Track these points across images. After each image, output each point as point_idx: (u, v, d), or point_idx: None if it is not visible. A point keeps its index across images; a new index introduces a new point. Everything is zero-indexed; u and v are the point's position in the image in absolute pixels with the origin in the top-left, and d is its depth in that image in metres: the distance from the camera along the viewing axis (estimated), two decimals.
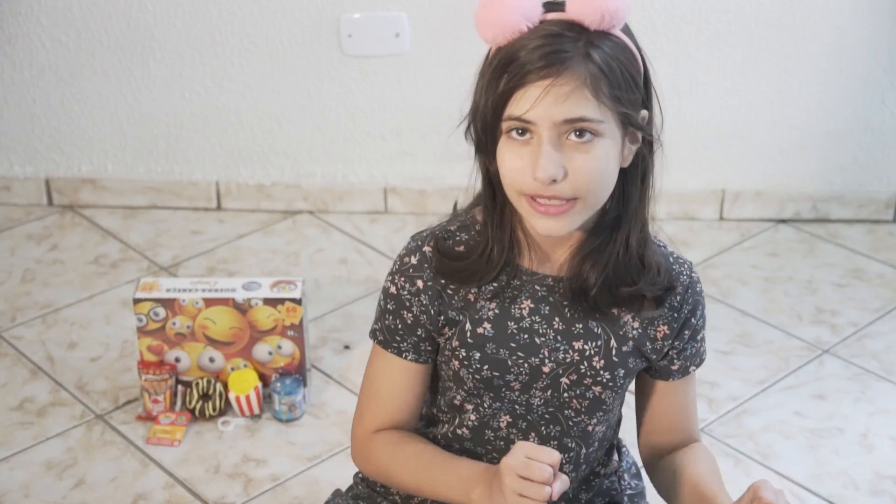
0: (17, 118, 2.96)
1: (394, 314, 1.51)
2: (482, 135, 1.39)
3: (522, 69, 1.33)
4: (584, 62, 1.33)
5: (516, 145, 1.36)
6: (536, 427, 1.52)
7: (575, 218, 1.39)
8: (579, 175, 1.35)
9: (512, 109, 1.35)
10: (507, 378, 1.49)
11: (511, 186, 1.38)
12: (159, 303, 2.23)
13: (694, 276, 1.52)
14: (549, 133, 1.34)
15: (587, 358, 1.48)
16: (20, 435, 2.24)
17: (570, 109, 1.33)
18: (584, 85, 1.33)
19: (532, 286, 1.48)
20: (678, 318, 1.50)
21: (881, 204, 2.96)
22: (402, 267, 1.49)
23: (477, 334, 1.47)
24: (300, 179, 2.99)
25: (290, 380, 2.26)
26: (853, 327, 2.56)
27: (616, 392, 1.52)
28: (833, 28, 2.78)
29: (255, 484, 2.12)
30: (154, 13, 2.82)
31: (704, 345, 1.57)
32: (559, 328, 1.48)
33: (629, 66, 1.37)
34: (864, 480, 2.13)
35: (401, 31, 2.81)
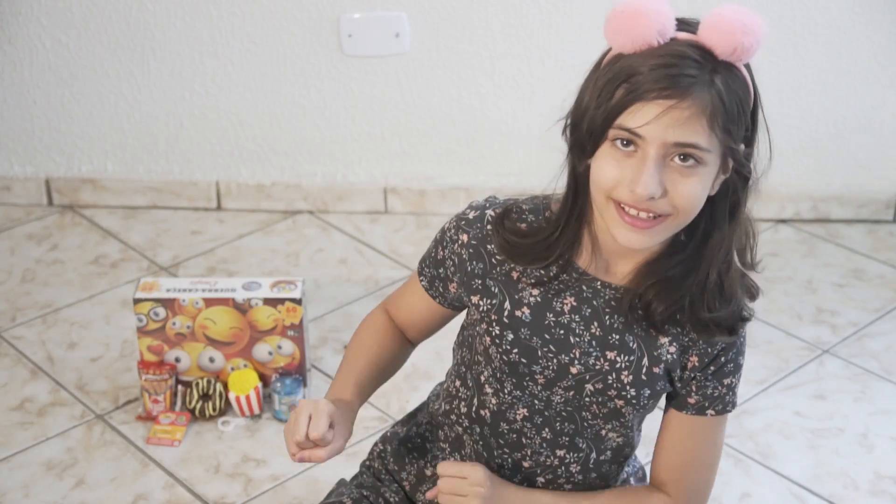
0: (17, 118, 2.96)
1: (437, 244, 1.57)
2: (586, 136, 1.38)
3: (645, 85, 1.32)
4: (707, 90, 1.33)
5: (619, 154, 1.36)
6: (551, 423, 1.53)
7: (658, 235, 1.39)
8: (678, 197, 1.36)
9: (626, 120, 1.34)
10: (534, 368, 1.49)
11: (603, 191, 1.38)
12: (159, 303, 2.23)
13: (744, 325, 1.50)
14: (657, 152, 1.34)
15: (617, 370, 1.48)
16: (20, 435, 2.24)
17: (685, 134, 1.33)
18: (703, 113, 1.33)
19: (580, 285, 1.48)
20: (710, 353, 1.49)
21: (881, 204, 2.96)
22: (461, 216, 1.54)
23: (514, 316, 1.49)
24: (300, 179, 2.99)
25: (290, 380, 2.26)
26: (853, 327, 2.56)
27: (637, 410, 1.51)
28: (833, 28, 2.78)
29: (255, 484, 2.12)
30: (154, 13, 2.82)
31: (732, 396, 1.53)
32: (596, 333, 1.48)
33: (745, 101, 1.37)
34: (864, 480, 2.13)
35: (401, 31, 2.81)
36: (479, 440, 1.57)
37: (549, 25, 2.78)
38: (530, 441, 1.54)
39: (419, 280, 1.60)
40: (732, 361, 1.52)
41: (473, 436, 1.58)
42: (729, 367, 1.51)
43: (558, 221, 1.46)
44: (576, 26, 2.78)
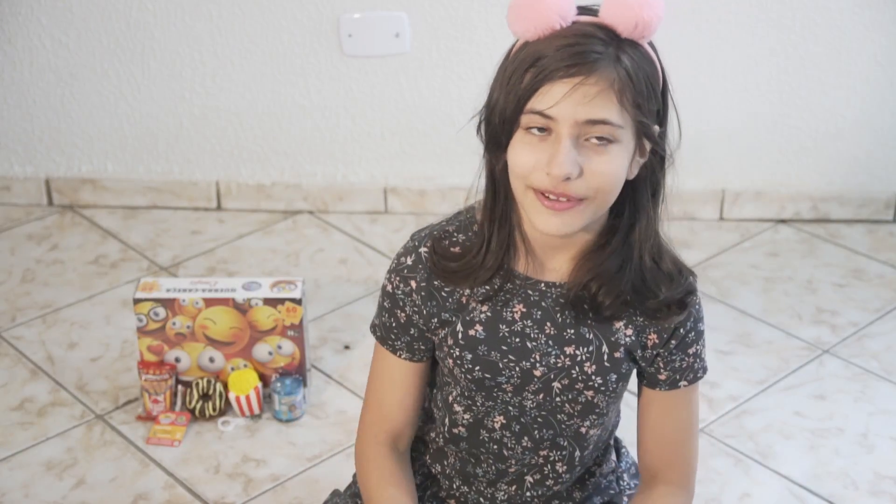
0: (17, 118, 2.96)
1: (389, 312, 1.53)
2: (499, 127, 1.39)
3: (551, 65, 1.33)
4: (613, 66, 1.34)
5: (533, 140, 1.36)
6: (529, 430, 1.53)
7: (577, 218, 1.38)
8: (594, 176, 1.36)
9: (535, 103, 1.34)
10: (499, 380, 1.50)
11: (521, 180, 1.38)
12: (159, 303, 2.23)
13: (695, 297, 1.51)
14: (570, 131, 1.34)
15: (579, 363, 1.48)
16: (20, 435, 2.24)
17: (595, 111, 1.33)
18: (611, 88, 1.33)
19: (525, 291, 1.48)
20: (667, 329, 1.50)
21: (881, 204, 2.96)
22: (398, 266, 1.51)
23: (468, 336, 1.49)
24: (300, 179, 2.99)
25: (290, 380, 2.26)
26: (853, 327, 2.56)
27: (609, 396, 1.52)
28: (833, 28, 2.78)
29: (255, 484, 2.12)
30: (154, 13, 2.82)
31: (701, 362, 1.54)
32: (551, 333, 1.48)
33: (652, 77, 1.38)
34: (864, 480, 2.13)
35: (401, 31, 2.81)
36: (460, 455, 1.58)
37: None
38: (511, 451, 1.55)
39: (398, 360, 1.55)
40: (693, 331, 1.52)
41: (455, 450, 1.59)
42: (690, 336, 1.52)
43: (484, 233, 1.46)
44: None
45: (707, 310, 2.59)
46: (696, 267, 2.75)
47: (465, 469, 1.59)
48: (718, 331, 2.54)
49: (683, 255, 2.93)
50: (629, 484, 1.68)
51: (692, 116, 2.88)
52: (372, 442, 1.59)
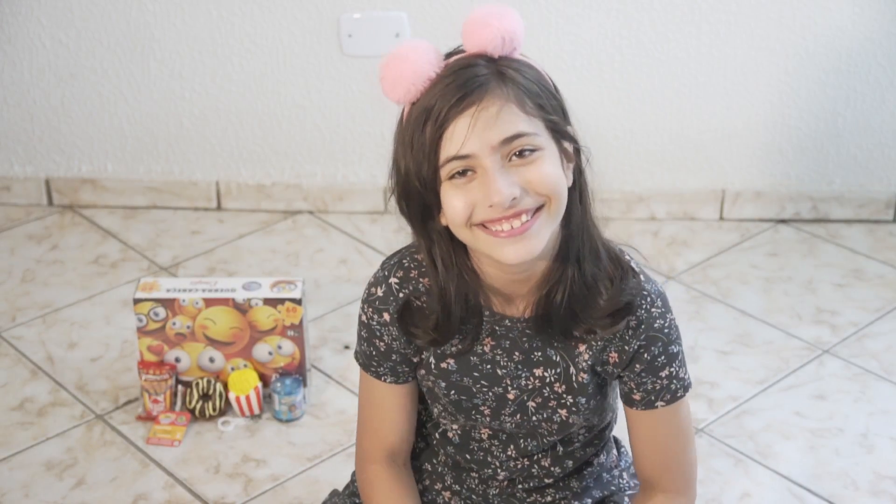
0: (17, 118, 2.96)
1: (367, 341, 1.53)
2: (422, 192, 1.36)
3: (444, 106, 1.31)
4: (500, 83, 1.33)
5: (461, 183, 1.34)
6: (515, 440, 1.55)
7: (541, 232, 1.36)
8: (537, 182, 1.34)
9: (448, 151, 1.32)
10: (475, 402, 1.51)
11: (465, 224, 1.35)
12: (159, 303, 2.23)
13: (654, 312, 1.46)
14: (492, 159, 1.32)
15: (549, 384, 1.49)
16: (20, 435, 2.24)
17: (504, 128, 1.32)
18: (509, 101, 1.32)
19: (491, 326, 1.48)
20: (627, 351, 1.47)
21: (881, 204, 2.96)
22: (370, 298, 1.51)
23: (441, 368, 1.50)
24: (300, 179, 2.99)
25: (290, 380, 2.26)
26: (853, 327, 2.56)
27: (581, 416, 1.51)
28: (833, 28, 2.78)
29: (255, 484, 2.12)
30: (154, 13, 2.82)
31: (678, 383, 1.50)
32: (519, 359, 1.49)
33: (541, 80, 1.37)
34: (864, 480, 2.13)
35: (401, 31, 2.81)
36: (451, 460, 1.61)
37: (548, 25, 2.78)
38: (496, 458, 1.57)
39: (384, 385, 1.55)
40: (662, 355, 1.48)
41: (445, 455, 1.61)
42: (660, 360, 1.48)
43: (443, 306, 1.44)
44: (575, 26, 2.78)
45: (707, 310, 2.61)
46: (695, 267, 2.76)
47: (457, 467, 1.61)
48: (718, 331, 2.54)
49: (683, 255, 2.94)
50: (629, 483, 1.68)
51: (692, 116, 2.88)
52: (370, 463, 1.59)
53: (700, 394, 2.34)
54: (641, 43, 2.81)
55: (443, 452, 1.61)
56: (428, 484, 1.65)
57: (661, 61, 2.83)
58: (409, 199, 1.39)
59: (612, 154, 2.90)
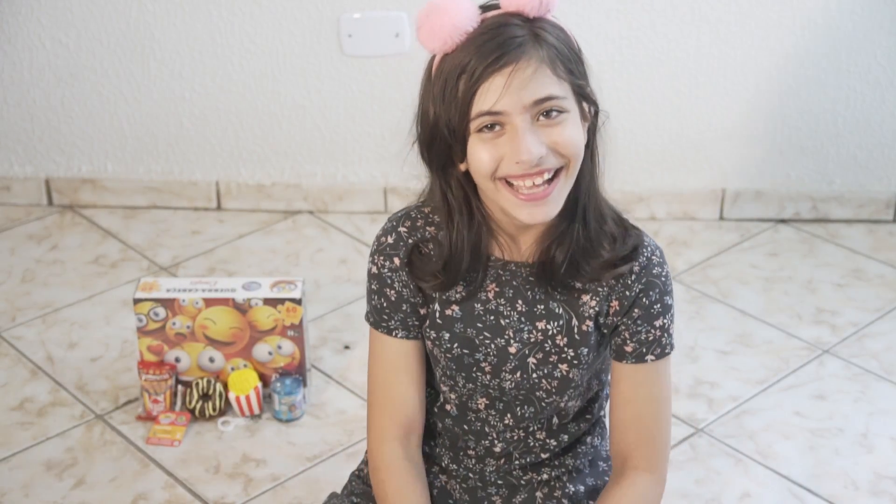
0: (17, 118, 2.96)
1: (378, 294, 1.56)
2: (450, 141, 1.42)
3: (481, 64, 1.37)
4: (536, 45, 1.38)
5: (489, 137, 1.40)
6: (512, 408, 1.57)
7: (559, 195, 1.42)
8: (562, 144, 1.40)
9: (480, 106, 1.38)
10: (477, 357, 1.53)
11: (490, 178, 1.41)
12: (159, 303, 2.23)
13: (654, 260, 1.52)
14: (522, 118, 1.38)
15: (550, 337, 1.52)
16: (20, 435, 2.24)
17: (537, 90, 1.38)
18: (543, 63, 1.38)
19: (496, 271, 1.53)
20: (628, 296, 1.51)
21: (881, 204, 2.96)
22: (380, 247, 1.55)
23: (446, 316, 1.53)
24: (300, 179, 2.99)
25: (290, 380, 2.26)
26: (853, 327, 2.56)
27: (583, 370, 1.54)
28: (833, 28, 2.78)
29: (255, 484, 2.12)
30: (154, 13, 2.82)
31: (668, 338, 1.54)
32: (522, 310, 1.52)
33: (570, 43, 1.43)
34: (864, 480, 2.13)
35: (401, 31, 2.81)
36: (447, 433, 1.62)
37: None
38: (493, 428, 1.59)
39: (395, 341, 1.56)
40: (658, 303, 1.52)
41: (442, 429, 1.62)
42: (656, 308, 1.52)
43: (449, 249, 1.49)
44: (575, 26, 2.77)
45: (707, 310, 2.61)
46: (695, 267, 2.77)
47: (455, 445, 1.63)
48: (718, 331, 2.54)
49: (683, 255, 2.95)
50: None
51: (692, 116, 2.88)
52: (385, 442, 1.58)
53: (700, 394, 2.34)
54: (641, 43, 2.81)
55: (440, 427, 1.62)
56: (426, 467, 1.66)
57: (661, 61, 2.83)
58: (434, 145, 1.45)
59: (611, 154, 2.89)
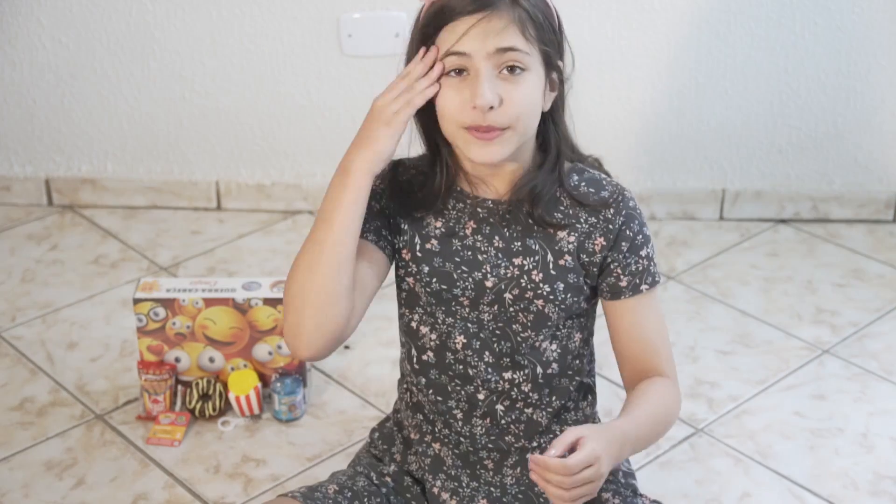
0: (17, 118, 2.96)
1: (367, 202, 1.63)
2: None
3: (455, 6, 1.49)
4: (510, 6, 1.49)
5: (454, 82, 1.51)
6: (489, 345, 1.62)
7: (506, 145, 1.52)
8: (513, 105, 1.49)
9: (446, 44, 1.49)
10: (455, 292, 1.61)
11: (451, 120, 1.52)
12: (159, 303, 2.23)
13: (627, 194, 1.61)
14: (485, 64, 1.48)
15: (526, 272, 1.59)
16: (20, 435, 2.24)
17: (503, 40, 1.48)
18: (513, 23, 1.48)
19: (474, 208, 1.62)
20: (612, 230, 1.59)
21: (881, 204, 2.96)
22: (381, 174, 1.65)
23: (425, 249, 1.61)
24: (300, 179, 2.99)
25: (290, 380, 2.26)
26: (853, 327, 2.56)
27: (559, 306, 1.60)
28: (833, 28, 2.78)
29: (255, 484, 2.12)
30: (154, 13, 2.82)
31: (654, 266, 1.63)
32: (499, 246, 1.61)
33: (548, 15, 1.54)
34: (864, 480, 2.13)
35: (401, 31, 2.81)
36: (432, 388, 1.67)
37: None
38: (476, 369, 1.63)
39: (363, 239, 1.62)
40: (640, 234, 1.61)
41: (427, 384, 1.67)
42: (639, 239, 1.61)
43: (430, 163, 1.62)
44: (575, 26, 2.78)
45: (707, 310, 2.61)
46: (695, 267, 2.77)
47: (440, 408, 1.67)
48: (718, 331, 2.54)
49: (683, 255, 2.95)
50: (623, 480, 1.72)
51: (692, 116, 2.88)
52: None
53: (700, 394, 2.35)
54: (641, 43, 2.81)
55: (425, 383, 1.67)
56: (418, 437, 1.71)
57: (661, 61, 2.83)
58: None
59: (612, 154, 2.90)
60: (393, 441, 1.78)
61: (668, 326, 1.69)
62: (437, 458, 1.71)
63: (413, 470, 1.74)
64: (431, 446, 1.71)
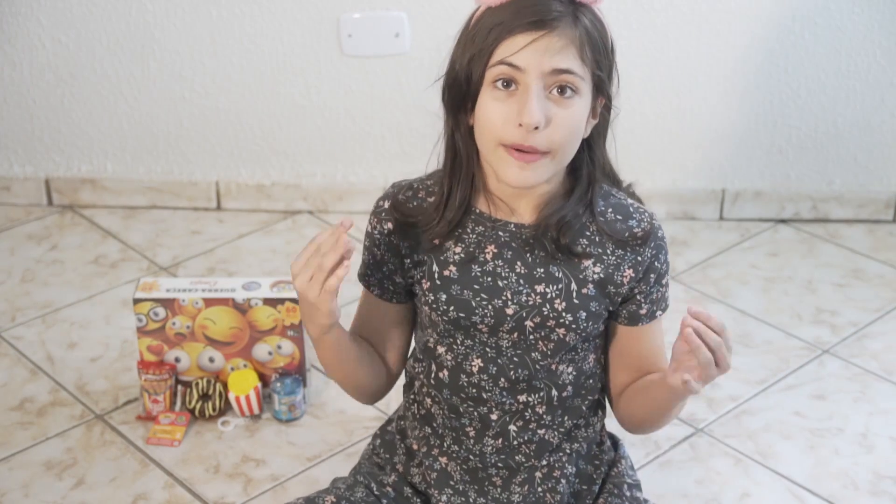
0: (17, 118, 2.96)
1: (368, 250, 1.64)
2: (465, 85, 1.46)
3: (515, 21, 1.42)
4: (572, 24, 1.44)
5: (501, 95, 1.44)
6: (506, 371, 1.59)
7: (544, 170, 1.47)
8: (558, 128, 1.44)
9: (502, 53, 1.42)
10: (474, 319, 1.56)
11: (492, 135, 1.45)
12: (159, 303, 2.23)
13: (655, 224, 1.58)
14: (537, 82, 1.43)
15: (549, 301, 1.55)
16: (20, 435, 2.24)
17: (559, 60, 1.43)
18: (572, 44, 1.44)
19: (496, 233, 1.57)
20: (642, 262, 1.57)
21: (881, 204, 2.96)
22: (377, 210, 1.63)
23: (443, 276, 1.57)
24: (300, 179, 2.99)
25: (290, 380, 2.26)
26: (853, 327, 2.56)
27: (580, 335, 1.57)
28: (833, 28, 2.78)
29: (255, 484, 2.12)
30: (154, 13, 2.82)
31: (668, 290, 1.63)
32: (521, 272, 1.55)
33: (605, 37, 1.50)
34: (864, 480, 2.13)
35: (401, 31, 2.81)
36: (445, 405, 1.64)
37: None
38: (490, 393, 1.61)
39: (370, 293, 1.65)
40: (665, 263, 1.60)
41: (439, 403, 1.64)
42: (664, 268, 1.60)
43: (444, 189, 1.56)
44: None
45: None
46: (695, 267, 2.77)
47: (452, 424, 1.64)
48: None
49: (683, 255, 2.95)
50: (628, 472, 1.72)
51: (692, 116, 2.88)
52: None
53: (700, 394, 2.34)
54: (641, 43, 2.81)
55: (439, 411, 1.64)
56: (425, 450, 1.69)
57: (661, 61, 2.83)
58: (452, 88, 1.49)
59: (611, 154, 2.90)
60: (395, 450, 1.75)
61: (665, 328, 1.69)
62: (444, 473, 1.68)
63: (416, 482, 1.71)
64: (438, 460, 1.68)
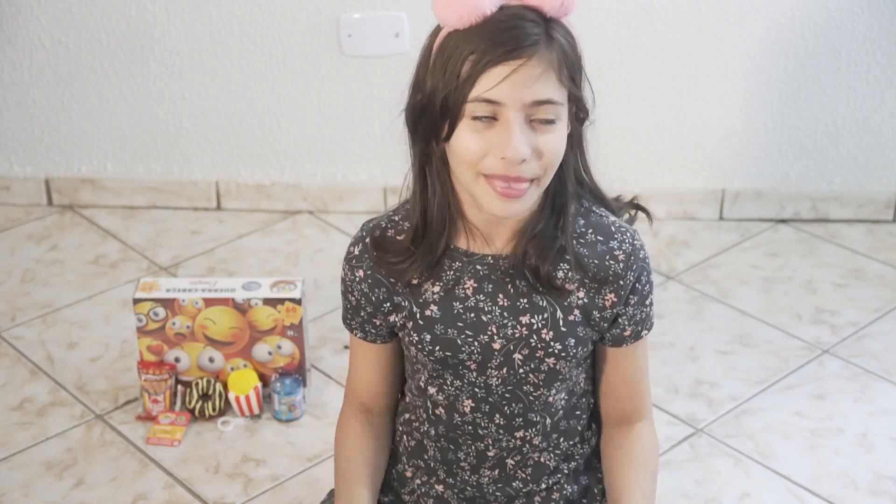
0: (17, 118, 2.96)
1: (344, 296, 1.60)
2: (439, 117, 1.41)
3: (491, 51, 1.35)
4: (548, 47, 1.38)
5: (480, 127, 1.38)
6: (500, 408, 1.56)
7: (530, 198, 1.42)
8: (547, 153, 1.39)
9: (480, 90, 1.36)
10: (461, 357, 1.52)
11: (471, 167, 1.40)
12: (159, 303, 2.23)
13: (636, 244, 1.51)
14: (517, 115, 1.37)
15: (535, 331, 1.51)
16: (20, 435, 2.24)
17: (540, 91, 1.37)
18: (550, 67, 1.37)
19: (473, 267, 1.51)
20: (624, 286, 1.51)
21: (881, 204, 2.96)
22: (348, 256, 1.57)
23: (425, 317, 1.52)
24: (300, 179, 2.99)
25: (289, 380, 2.26)
26: (853, 327, 2.56)
27: (570, 362, 1.54)
28: (833, 28, 2.78)
29: (255, 484, 2.12)
30: (154, 13, 2.82)
31: (652, 309, 1.57)
32: (504, 304, 1.51)
33: (577, 50, 1.43)
34: (864, 480, 2.13)
35: (401, 31, 2.81)
36: (442, 439, 1.61)
37: None
38: (486, 430, 1.58)
39: (355, 337, 1.62)
40: (648, 283, 1.54)
41: (436, 436, 1.61)
42: (646, 289, 1.54)
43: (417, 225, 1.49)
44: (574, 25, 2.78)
45: (707, 310, 2.61)
46: (695, 267, 2.77)
47: (446, 457, 1.62)
48: (718, 331, 2.54)
49: (683, 255, 2.95)
50: None
51: (692, 116, 2.88)
52: (345, 417, 1.66)
53: (700, 394, 2.34)
54: (641, 43, 2.81)
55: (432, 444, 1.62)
56: (424, 479, 1.66)
57: (661, 61, 2.83)
58: (423, 117, 1.44)
59: (612, 154, 2.90)
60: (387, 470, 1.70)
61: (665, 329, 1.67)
62: (440, 499, 1.65)
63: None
64: (434, 488, 1.65)
